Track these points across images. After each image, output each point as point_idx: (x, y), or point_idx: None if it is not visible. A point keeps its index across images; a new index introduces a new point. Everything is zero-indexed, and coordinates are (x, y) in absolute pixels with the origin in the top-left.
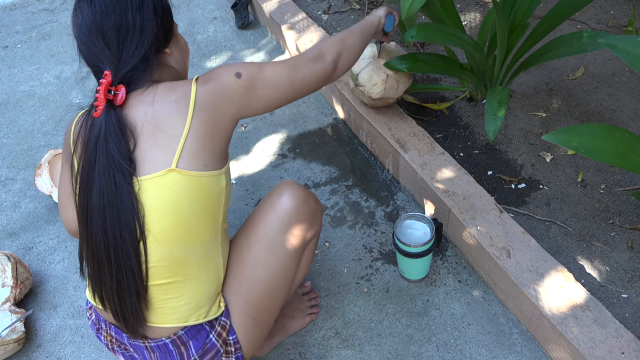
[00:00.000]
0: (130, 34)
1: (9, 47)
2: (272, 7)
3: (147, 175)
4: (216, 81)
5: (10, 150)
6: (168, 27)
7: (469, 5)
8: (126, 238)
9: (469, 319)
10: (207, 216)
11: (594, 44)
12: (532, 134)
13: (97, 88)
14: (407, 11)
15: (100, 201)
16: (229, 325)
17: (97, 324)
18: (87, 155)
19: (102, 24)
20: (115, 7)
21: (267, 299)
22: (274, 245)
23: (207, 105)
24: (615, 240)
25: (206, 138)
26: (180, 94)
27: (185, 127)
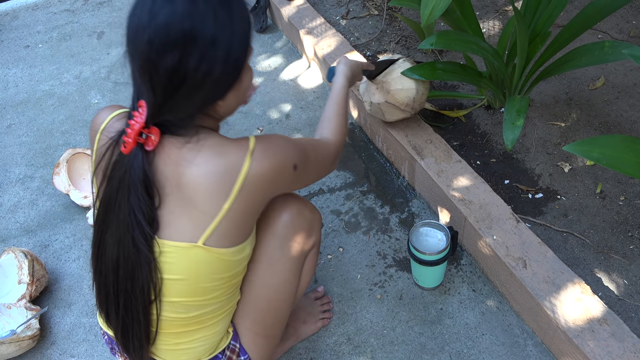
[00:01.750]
0: (185, 86)
1: (30, 47)
2: (290, 11)
3: (170, 241)
4: (272, 167)
5: (29, 148)
6: (236, 76)
7: (488, 13)
8: (137, 295)
9: (483, 328)
10: (227, 281)
11: (616, 54)
12: (551, 144)
13: (130, 122)
14: (427, 19)
15: (116, 249)
16: (238, 347)
17: (111, 344)
18: (108, 190)
19: (156, 60)
20: (178, 44)
21: (272, 315)
22: (272, 262)
23: (255, 188)
24: (634, 253)
25: (242, 219)
26: (229, 167)
27: (224, 208)
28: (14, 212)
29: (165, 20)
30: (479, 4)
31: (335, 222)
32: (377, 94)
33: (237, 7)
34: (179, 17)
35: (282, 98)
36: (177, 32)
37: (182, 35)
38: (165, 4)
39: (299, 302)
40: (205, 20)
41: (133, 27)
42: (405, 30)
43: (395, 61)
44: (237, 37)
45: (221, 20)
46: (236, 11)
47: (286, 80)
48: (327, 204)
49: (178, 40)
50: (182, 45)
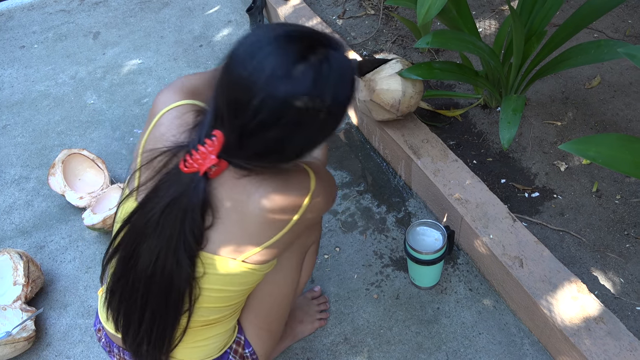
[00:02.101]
0: (276, 154)
1: (26, 47)
2: (287, 11)
3: (209, 254)
4: (324, 208)
5: (24, 149)
6: (324, 141)
7: (484, 12)
8: (170, 310)
9: (480, 328)
10: (250, 289)
11: (612, 53)
12: (547, 143)
13: (200, 150)
14: (423, 18)
15: (152, 264)
16: (243, 340)
17: (109, 346)
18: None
19: (256, 128)
20: (287, 124)
21: (275, 309)
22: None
23: (305, 223)
24: (630, 252)
25: (284, 245)
26: (290, 206)
27: (273, 239)
28: (9, 213)
29: (284, 99)
30: (475, 3)
31: (332, 221)
32: (364, 91)
33: (351, 81)
34: (297, 100)
35: None
36: (292, 115)
37: (295, 118)
38: (287, 80)
39: (296, 302)
40: (321, 104)
41: (242, 75)
42: (402, 29)
43: (389, 61)
44: (342, 114)
45: (336, 103)
46: (349, 87)
47: None
48: None
49: (289, 122)
50: (290, 126)
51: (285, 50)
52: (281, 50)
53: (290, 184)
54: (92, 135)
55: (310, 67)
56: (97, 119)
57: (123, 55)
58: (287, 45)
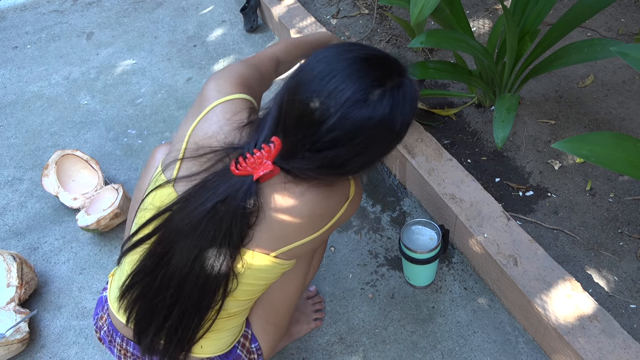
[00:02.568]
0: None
1: (19, 48)
2: (281, 11)
3: (247, 249)
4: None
5: (17, 150)
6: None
7: (478, 12)
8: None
9: (475, 326)
10: (270, 284)
11: (604, 52)
12: (541, 142)
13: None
14: (417, 17)
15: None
16: (250, 334)
17: (110, 336)
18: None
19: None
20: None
21: (284, 304)
22: None
23: (337, 226)
24: (624, 250)
25: (315, 245)
26: (329, 211)
27: (308, 238)
28: (2, 215)
29: (360, 122)
30: (468, 3)
31: None
32: None
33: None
34: (373, 124)
35: None
36: (364, 136)
37: (365, 140)
38: (364, 104)
39: None
40: (393, 127)
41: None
42: (396, 29)
43: None
44: (403, 137)
45: (404, 126)
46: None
47: (277, 80)
48: None
49: (359, 143)
50: (359, 147)
51: (365, 74)
52: (360, 74)
53: (333, 191)
54: (86, 136)
55: (387, 93)
56: (91, 120)
57: (117, 56)
58: (365, 70)
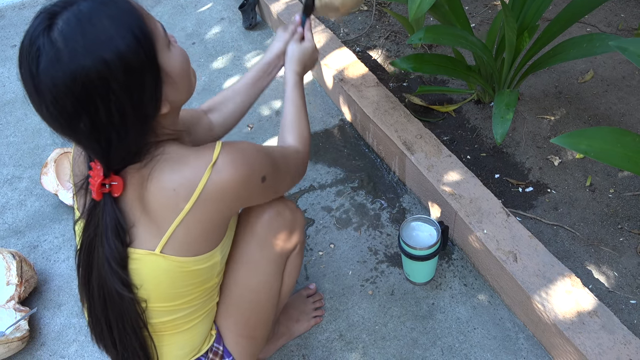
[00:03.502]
0: (112, 134)
1: (18, 46)
2: (279, 8)
3: (135, 249)
4: (236, 179)
5: (17, 148)
6: (156, 78)
7: (477, 7)
8: (129, 331)
9: (475, 323)
10: (196, 287)
11: (604, 47)
12: (540, 137)
13: (90, 173)
14: (415, 13)
15: (102, 294)
16: (222, 350)
17: None
18: (86, 237)
19: (75, 131)
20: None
21: (255, 316)
22: (252, 263)
23: (215, 200)
24: (624, 246)
25: (202, 230)
26: (184, 181)
27: (177, 219)
28: (2, 213)
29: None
30: None
31: (326, 218)
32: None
33: (105, 15)
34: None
35: (272, 95)
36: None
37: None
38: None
39: (291, 300)
40: (82, 65)
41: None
42: (395, 25)
43: None
44: (122, 45)
45: (94, 49)
46: (105, 22)
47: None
48: (317, 200)
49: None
50: (83, 108)
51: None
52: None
53: (185, 161)
54: None
55: (50, 42)
56: None
57: None
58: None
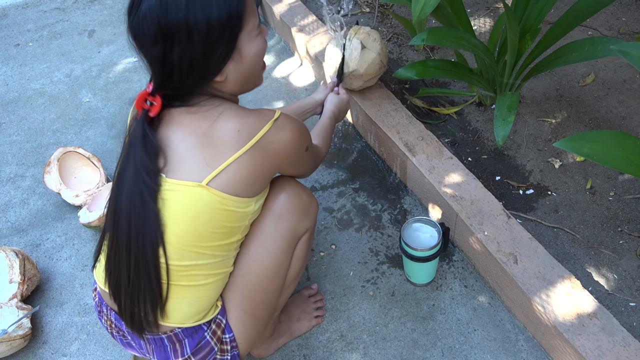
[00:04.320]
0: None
1: (21, 45)
2: (282, 9)
3: (176, 180)
4: (290, 139)
5: (20, 147)
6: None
7: (479, 10)
8: (148, 252)
9: (475, 324)
10: (224, 234)
11: (605, 51)
12: (541, 140)
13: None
14: (418, 15)
15: (129, 207)
16: (224, 323)
17: (100, 306)
18: (123, 153)
19: (146, 54)
20: (157, 38)
21: (261, 293)
22: (264, 236)
23: (268, 151)
24: (624, 248)
25: (249, 175)
26: (248, 126)
27: (233, 157)
28: (5, 212)
29: (144, 17)
30: (469, 1)
31: (327, 219)
32: (355, 82)
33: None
34: (154, 12)
35: (275, 95)
36: (153, 27)
37: (159, 31)
38: (145, 1)
39: (293, 299)
40: (177, 10)
41: (129, 25)
42: (397, 27)
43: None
44: (215, 16)
45: (193, 5)
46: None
47: (278, 77)
48: (319, 201)
49: (158, 36)
50: (162, 41)
51: None
52: None
53: (251, 112)
54: (88, 134)
55: None
56: (93, 117)
57: (118, 54)
58: None
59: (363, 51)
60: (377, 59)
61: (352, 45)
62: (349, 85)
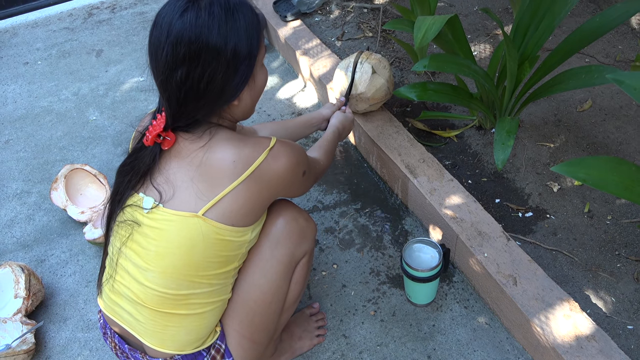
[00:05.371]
0: (194, 95)
1: (30, 64)
2: (287, 32)
3: (172, 210)
4: (286, 167)
5: (27, 163)
6: (245, 79)
7: (479, 37)
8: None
9: (475, 345)
10: (220, 263)
11: (601, 79)
12: (540, 164)
13: (152, 122)
14: (420, 42)
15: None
16: (223, 348)
17: (104, 328)
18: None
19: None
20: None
21: (259, 318)
22: (262, 262)
23: (264, 180)
24: (621, 272)
25: (246, 204)
26: (244, 156)
27: (229, 187)
28: (10, 227)
29: (177, 36)
30: (470, 28)
31: (329, 239)
32: (360, 104)
33: (243, 15)
34: (188, 36)
35: (278, 117)
36: (185, 49)
37: (191, 53)
38: (178, 20)
39: (294, 318)
40: (209, 34)
41: (152, 40)
42: (399, 51)
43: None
44: (241, 43)
45: (224, 31)
46: (241, 19)
47: (282, 99)
48: (321, 221)
49: (188, 57)
50: (189, 60)
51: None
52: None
53: (246, 142)
54: (94, 151)
55: (197, 7)
56: (99, 135)
57: (125, 73)
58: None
59: (373, 76)
60: (385, 85)
61: (363, 68)
62: (353, 107)
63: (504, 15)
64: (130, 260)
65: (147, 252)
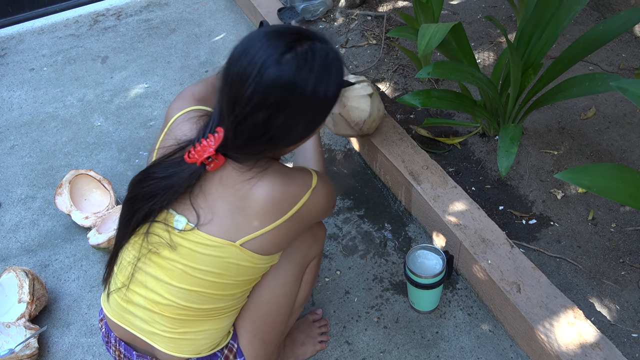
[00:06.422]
0: (265, 137)
1: (36, 70)
2: None
3: (209, 235)
4: (324, 207)
5: (31, 169)
6: (319, 125)
7: (483, 44)
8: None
9: (478, 352)
10: (246, 282)
11: (605, 86)
12: (544, 171)
13: (202, 142)
14: (424, 49)
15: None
16: (236, 348)
17: (107, 337)
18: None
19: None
20: (273, 106)
21: (271, 319)
22: (276, 265)
23: (304, 217)
24: (626, 279)
25: (282, 237)
26: (291, 196)
27: (272, 225)
28: (15, 232)
29: (269, 83)
30: (474, 36)
31: (332, 245)
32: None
33: (336, 71)
34: (281, 83)
35: None
36: (275, 97)
37: (278, 101)
38: (274, 65)
39: (297, 324)
40: (304, 87)
41: (238, 71)
42: (403, 59)
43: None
44: (329, 100)
45: (318, 88)
46: (333, 77)
47: None
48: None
49: (273, 104)
50: (275, 108)
51: (275, 43)
52: (271, 43)
53: (292, 179)
54: (99, 157)
55: (296, 55)
56: (104, 141)
57: (130, 79)
58: (276, 39)
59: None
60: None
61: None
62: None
63: (508, 23)
64: (151, 274)
65: (173, 269)
